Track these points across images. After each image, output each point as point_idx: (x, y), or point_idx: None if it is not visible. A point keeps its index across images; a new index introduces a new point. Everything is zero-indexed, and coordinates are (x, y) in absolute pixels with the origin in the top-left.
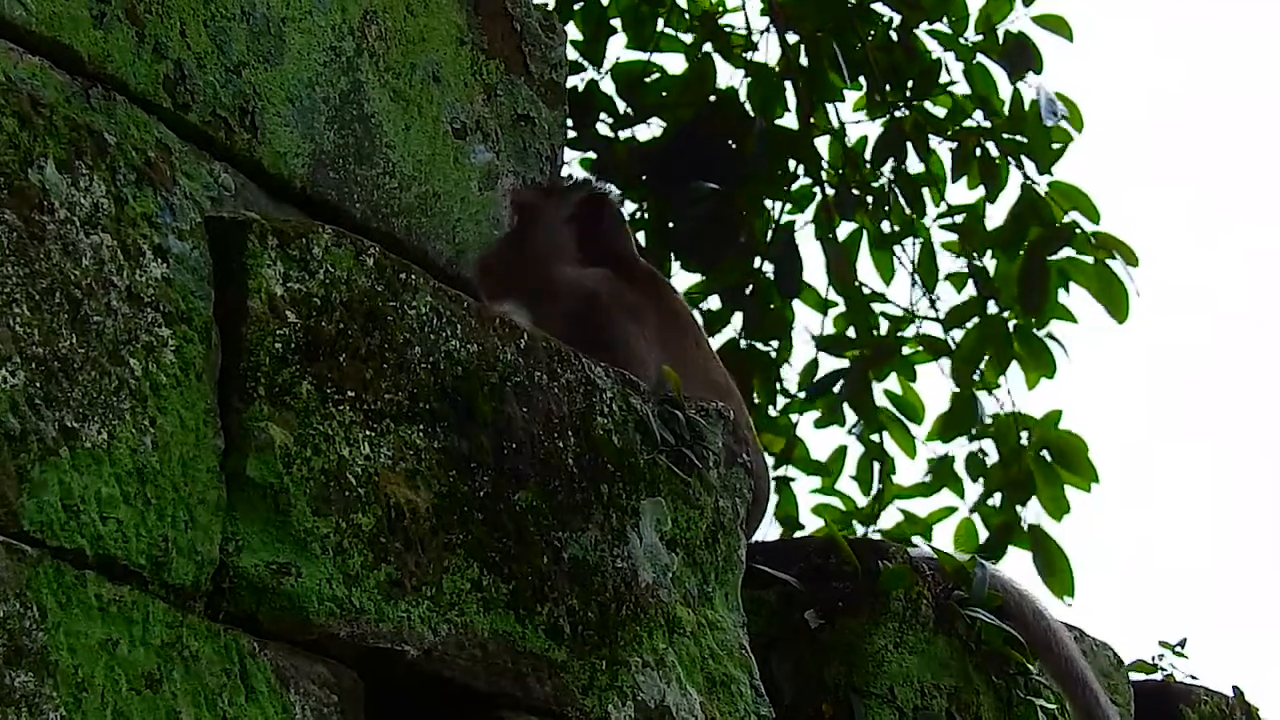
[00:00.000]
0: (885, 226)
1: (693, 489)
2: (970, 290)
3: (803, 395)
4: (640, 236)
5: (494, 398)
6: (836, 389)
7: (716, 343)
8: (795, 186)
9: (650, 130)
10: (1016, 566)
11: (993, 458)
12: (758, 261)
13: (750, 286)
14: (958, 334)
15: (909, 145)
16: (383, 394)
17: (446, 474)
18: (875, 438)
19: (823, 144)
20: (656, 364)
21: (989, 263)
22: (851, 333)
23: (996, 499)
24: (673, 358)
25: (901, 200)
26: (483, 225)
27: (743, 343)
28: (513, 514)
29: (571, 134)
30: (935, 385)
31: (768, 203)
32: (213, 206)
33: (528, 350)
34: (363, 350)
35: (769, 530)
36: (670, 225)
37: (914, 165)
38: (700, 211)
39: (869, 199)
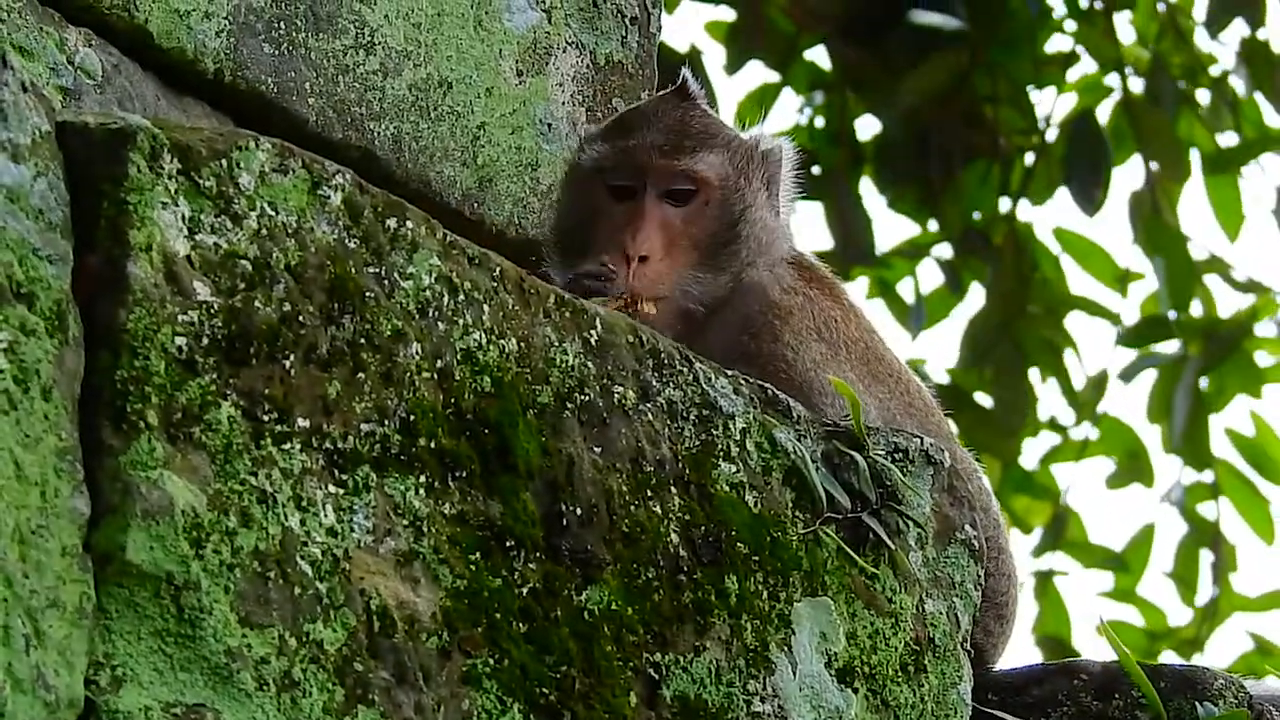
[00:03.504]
0: (1226, 135)
1: (881, 583)
2: None
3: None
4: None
5: (545, 429)
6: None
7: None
8: (1078, 74)
9: None
10: None
11: None
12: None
13: (999, 220)
14: None
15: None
16: (358, 424)
17: (465, 559)
18: (1209, 508)
19: None
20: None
21: None
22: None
23: None
24: (860, 377)
25: (1256, 94)
26: (525, 136)
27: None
28: (579, 624)
29: None
30: None
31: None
32: (68, 104)
33: (603, 348)
34: (324, 349)
35: (1018, 655)
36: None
37: (1275, 30)
38: (918, 84)
39: (1198, 87)
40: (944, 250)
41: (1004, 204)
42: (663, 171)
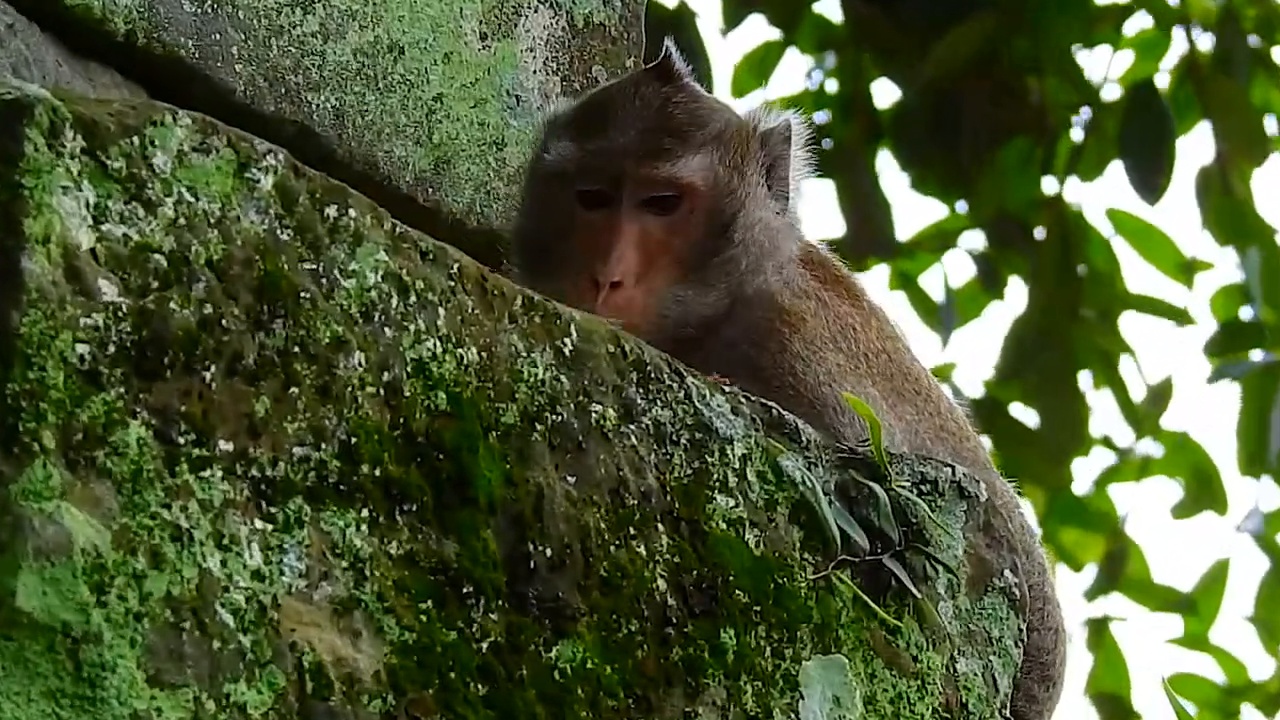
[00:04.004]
0: None
1: (905, 639)
2: None
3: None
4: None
5: (510, 455)
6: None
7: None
8: (1134, 31)
9: None
10: None
11: None
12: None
13: (1041, 206)
14: None
15: None
16: (290, 447)
17: (415, 608)
18: None
19: None
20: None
21: None
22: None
23: None
24: (883, 394)
25: None
26: (489, 110)
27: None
28: (548, 685)
29: None
30: None
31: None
32: None
33: (579, 360)
34: (251, 359)
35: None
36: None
37: None
38: (949, 49)
39: (1275, 45)
40: (974, 239)
41: (1048, 186)
42: (641, 180)
